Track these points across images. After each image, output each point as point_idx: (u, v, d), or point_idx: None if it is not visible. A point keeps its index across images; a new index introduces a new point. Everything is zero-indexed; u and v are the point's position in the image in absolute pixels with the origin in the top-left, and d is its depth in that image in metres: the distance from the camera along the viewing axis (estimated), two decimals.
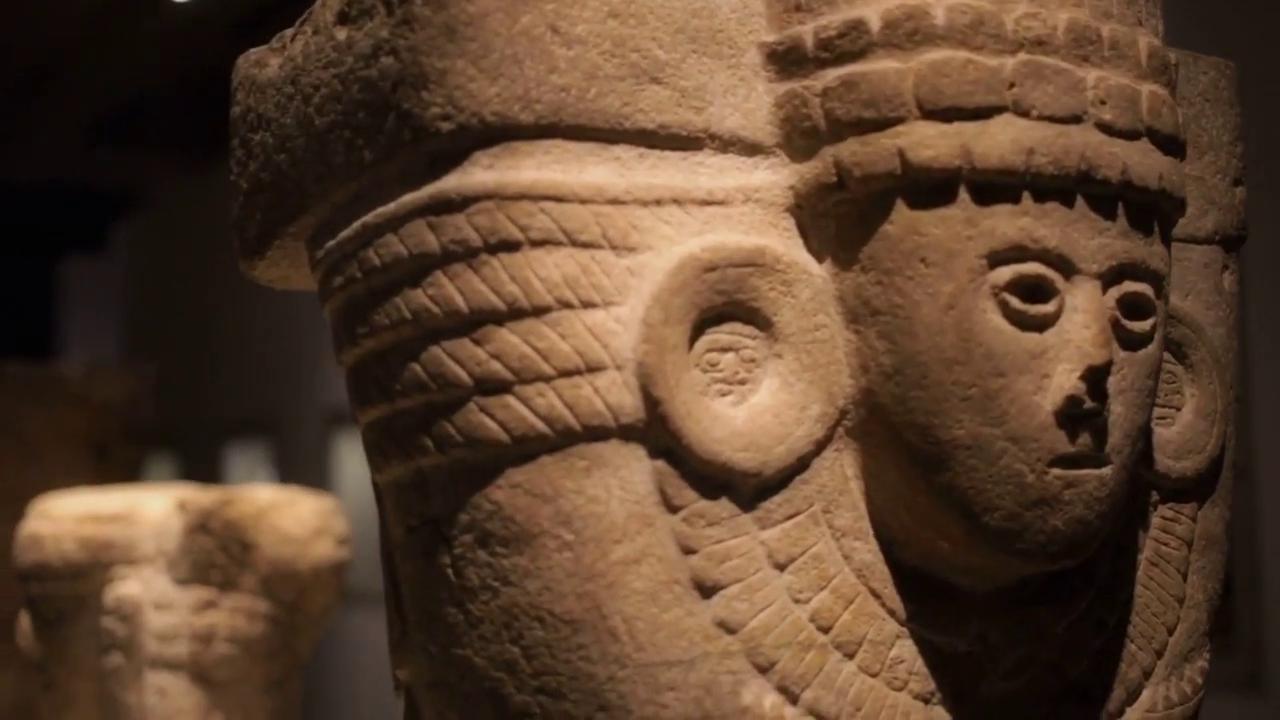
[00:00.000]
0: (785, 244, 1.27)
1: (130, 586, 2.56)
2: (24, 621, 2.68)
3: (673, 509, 1.21)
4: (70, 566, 2.60)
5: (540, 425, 1.19)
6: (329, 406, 8.65)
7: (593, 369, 1.19)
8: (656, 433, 1.20)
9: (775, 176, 1.28)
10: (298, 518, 2.49)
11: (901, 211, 1.24)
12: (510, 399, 1.19)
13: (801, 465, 1.25)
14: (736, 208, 1.26)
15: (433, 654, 1.27)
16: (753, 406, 1.24)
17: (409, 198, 1.22)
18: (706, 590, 1.21)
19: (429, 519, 1.25)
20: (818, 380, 1.26)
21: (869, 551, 1.28)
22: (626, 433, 1.20)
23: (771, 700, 1.22)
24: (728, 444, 1.22)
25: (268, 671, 2.48)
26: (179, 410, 8.52)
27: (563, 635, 1.20)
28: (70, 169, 11.59)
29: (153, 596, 2.52)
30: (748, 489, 1.23)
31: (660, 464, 1.20)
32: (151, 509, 2.61)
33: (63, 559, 2.59)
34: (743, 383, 1.24)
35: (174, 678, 2.46)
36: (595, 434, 1.19)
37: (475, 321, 1.19)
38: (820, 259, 1.28)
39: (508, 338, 1.19)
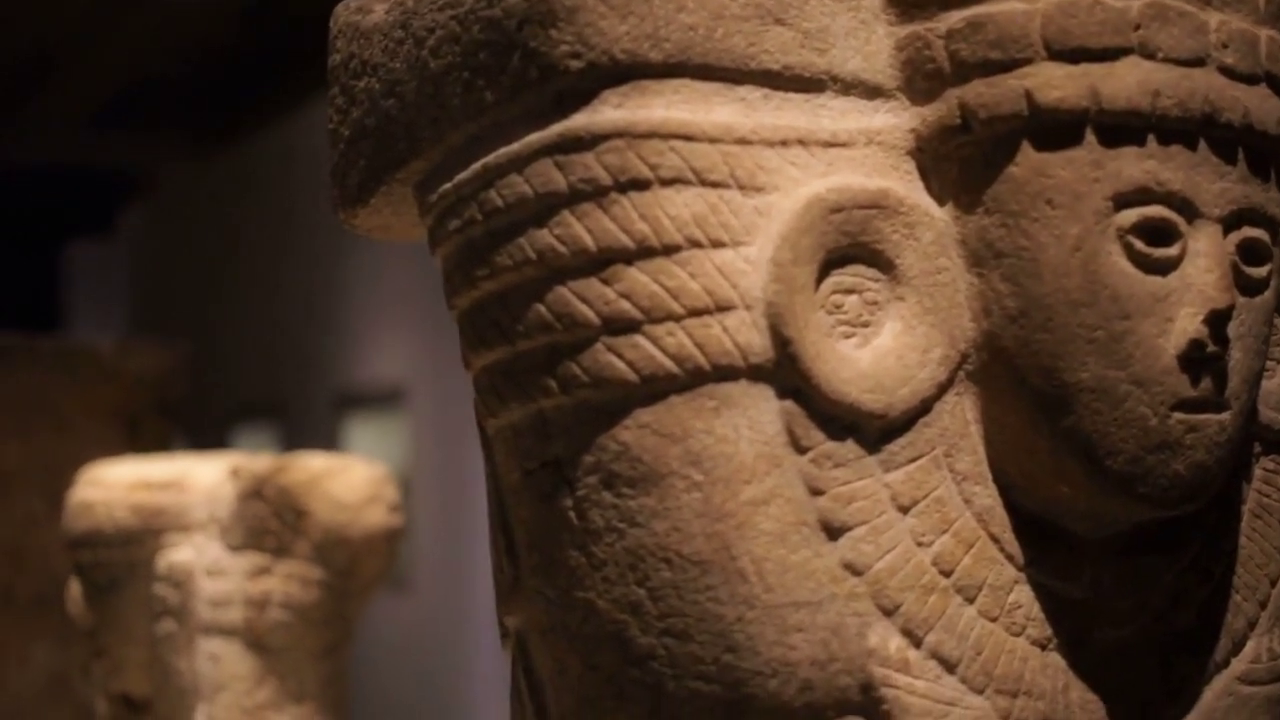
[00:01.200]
0: (907, 187, 1.26)
1: (182, 553, 2.56)
2: (74, 589, 2.68)
3: (801, 450, 1.20)
4: (122, 533, 2.59)
5: (669, 365, 1.18)
6: (337, 390, 8.65)
7: (722, 308, 1.19)
8: (785, 373, 1.20)
9: (896, 120, 1.27)
10: (350, 484, 2.49)
11: (1027, 153, 1.24)
12: (639, 338, 1.19)
13: (924, 408, 1.25)
14: (859, 150, 1.26)
15: (550, 599, 1.27)
16: (876, 349, 1.24)
17: (534, 137, 1.21)
18: (833, 532, 1.21)
19: (549, 461, 1.24)
20: (940, 324, 1.25)
21: (989, 496, 1.28)
22: (755, 373, 1.19)
23: (896, 643, 1.22)
24: (854, 385, 1.21)
25: (321, 638, 2.48)
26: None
27: (691, 576, 1.19)
28: (77, 153, 11.56)
29: (205, 563, 2.52)
30: (873, 431, 1.23)
31: (788, 404, 1.20)
32: (203, 476, 2.60)
33: (114, 525, 2.59)
34: (866, 325, 1.24)
35: (227, 644, 2.46)
36: (724, 374, 1.19)
37: (603, 261, 1.19)
38: (942, 202, 1.27)
39: (637, 277, 1.19)
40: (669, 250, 1.18)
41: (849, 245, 1.23)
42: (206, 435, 9.51)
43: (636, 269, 1.18)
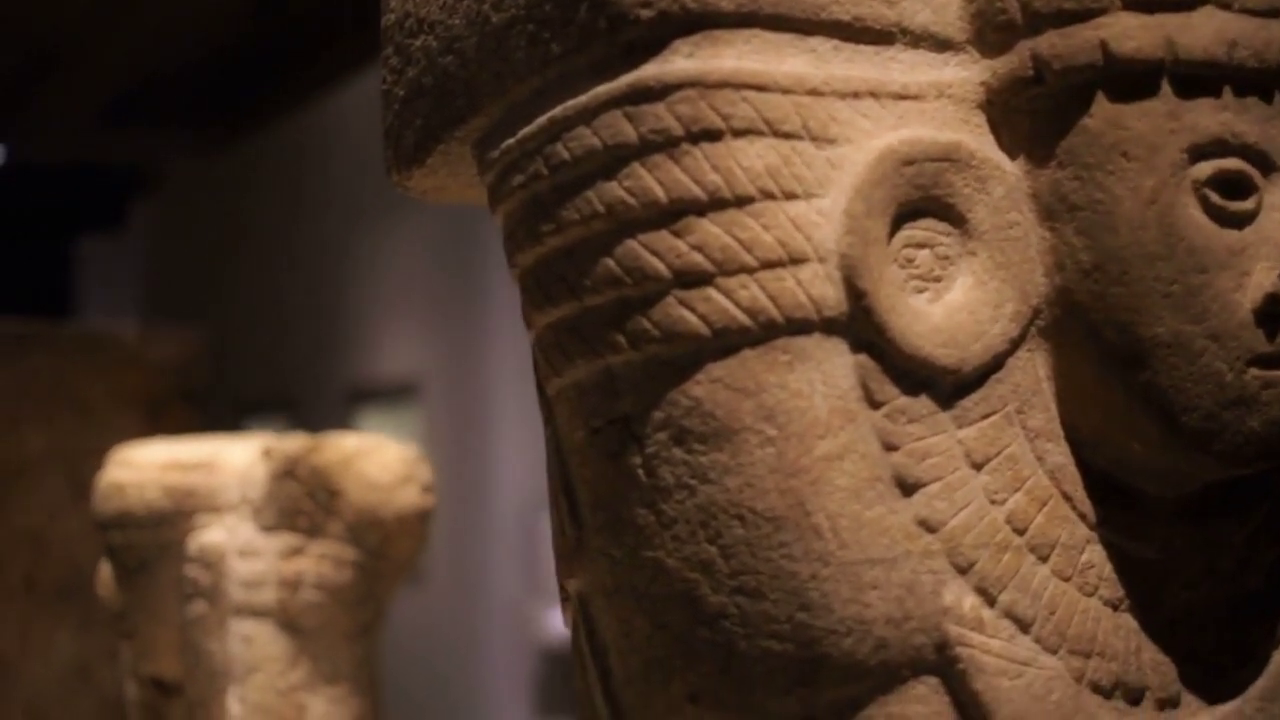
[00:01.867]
0: (978, 141, 1.25)
1: (214, 534, 2.54)
2: (104, 571, 2.66)
3: (875, 404, 1.19)
4: (153, 514, 2.57)
5: (742, 318, 1.17)
6: (349, 384, 8.64)
7: (796, 261, 1.17)
8: (859, 326, 1.18)
9: (966, 73, 1.26)
10: (383, 464, 2.47)
11: (1102, 105, 1.22)
12: (711, 291, 1.17)
13: (997, 364, 1.23)
14: (929, 103, 1.24)
15: (616, 559, 1.25)
16: (948, 304, 1.22)
17: (603, 89, 1.19)
18: (908, 488, 1.19)
19: (617, 418, 1.23)
20: (1011, 279, 1.24)
21: (1061, 454, 1.26)
22: (829, 326, 1.18)
23: (971, 601, 1.20)
24: (928, 339, 1.20)
25: (354, 619, 2.46)
26: None
27: (764, 533, 1.18)
28: (87, 149, 11.55)
29: (237, 544, 2.50)
30: (946, 386, 1.21)
31: (862, 358, 1.18)
32: (235, 456, 2.58)
33: (146, 507, 2.57)
34: (937, 280, 1.22)
35: (260, 625, 2.44)
36: (798, 327, 1.17)
37: (675, 213, 1.17)
38: (1013, 156, 1.25)
39: (709, 229, 1.17)
40: (742, 202, 1.17)
41: (921, 199, 1.21)
42: (219, 430, 9.49)
43: (709, 221, 1.17)
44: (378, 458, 2.54)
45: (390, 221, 8.89)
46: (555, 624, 7.53)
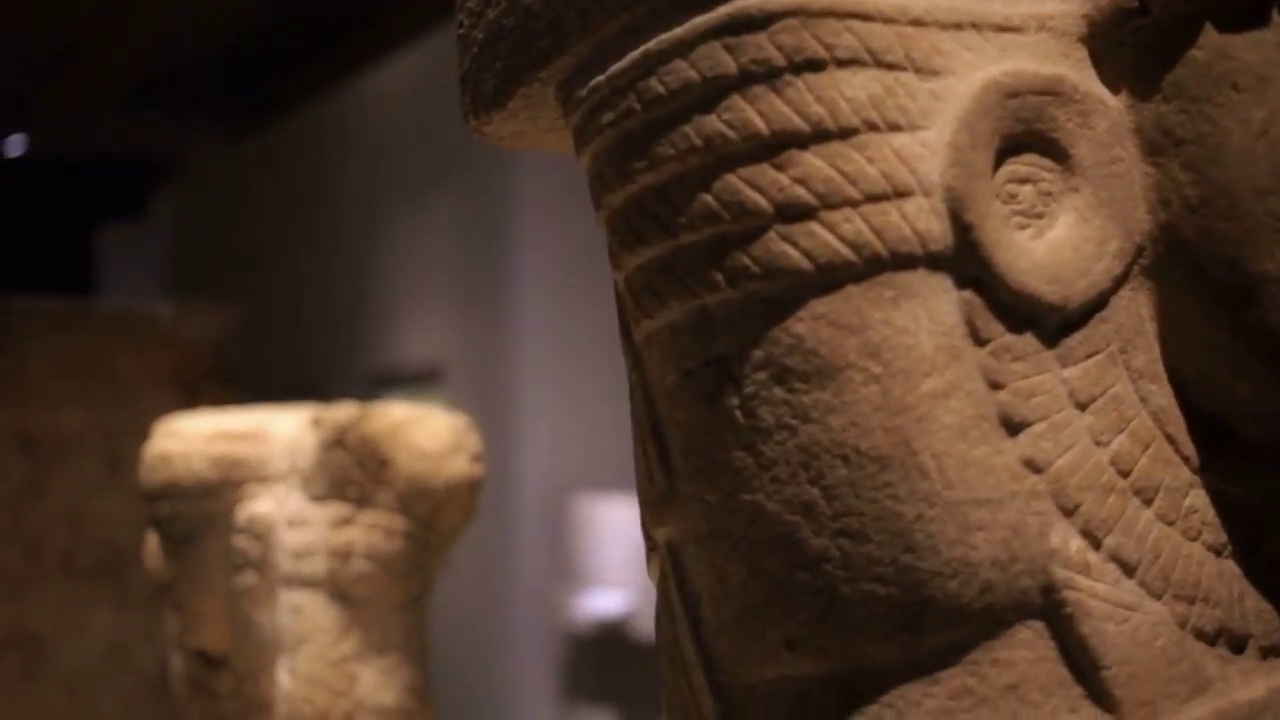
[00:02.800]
0: (1080, 74, 1.22)
1: (263, 504, 2.52)
2: (150, 543, 2.64)
3: (980, 341, 1.16)
4: (201, 485, 2.55)
5: (846, 252, 1.14)
6: (373, 369, 8.62)
7: (900, 194, 1.14)
8: (965, 261, 1.15)
9: (1067, 5, 1.23)
10: (432, 433, 2.45)
11: (1210, 36, 1.19)
12: (814, 225, 1.14)
13: (1100, 302, 1.20)
14: (1031, 36, 1.21)
15: (711, 504, 1.22)
16: (1051, 241, 1.19)
17: (700, 20, 1.17)
18: (1013, 427, 1.16)
19: (713, 359, 1.20)
20: (1115, 215, 1.21)
21: (1164, 395, 1.23)
22: (934, 261, 1.15)
23: (1077, 544, 1.17)
24: (1034, 275, 1.17)
25: (404, 589, 2.44)
26: None
27: (868, 473, 1.15)
28: (109, 137, 11.55)
29: (286, 514, 2.48)
30: (1051, 324, 1.18)
31: (968, 294, 1.16)
32: (283, 426, 2.56)
33: (193, 477, 2.55)
34: (1040, 216, 1.20)
35: (310, 595, 2.42)
36: (903, 262, 1.14)
37: (777, 145, 1.15)
38: (1115, 90, 1.23)
39: (812, 161, 1.14)
40: (845, 133, 1.14)
41: (1023, 132, 1.18)
42: None
43: (811, 153, 1.14)
44: (427, 427, 2.52)
45: (413, 207, 8.88)
46: (582, 610, 7.52)
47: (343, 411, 2.44)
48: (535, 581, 7.60)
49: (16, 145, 11.59)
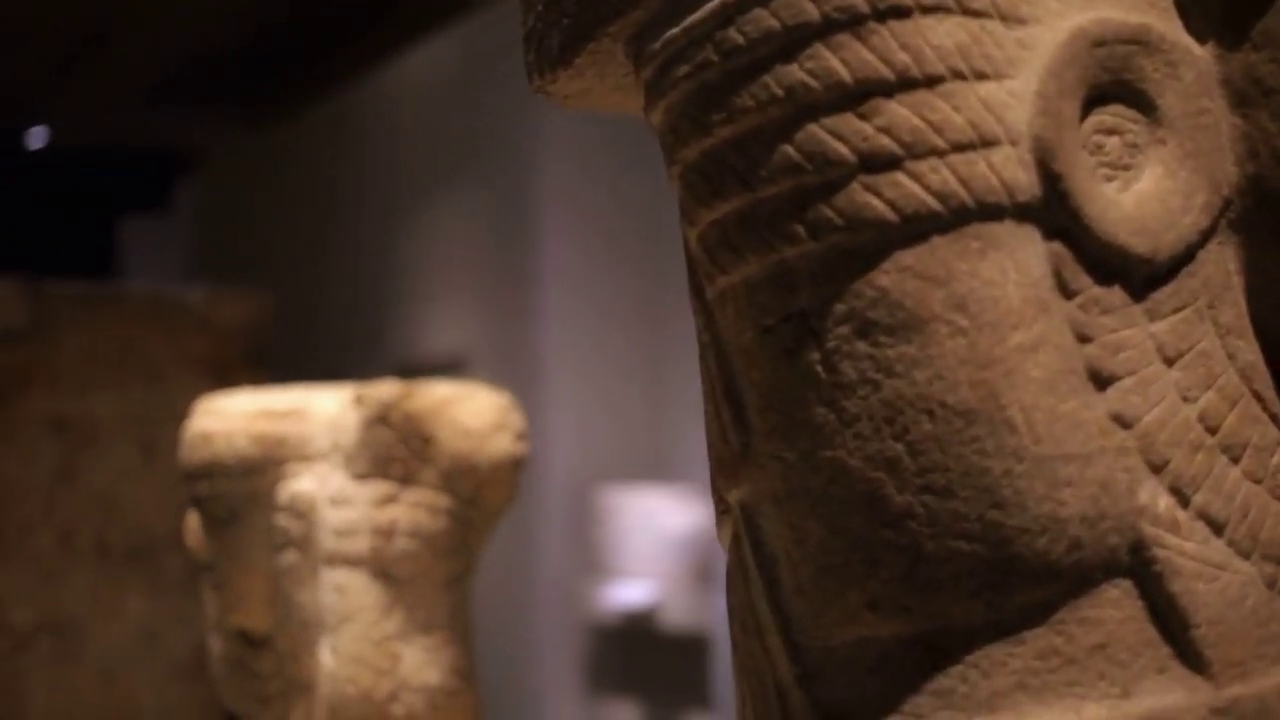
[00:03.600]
0: (1166, 24, 1.20)
1: (304, 483, 2.50)
2: (191, 521, 2.62)
3: (1068, 294, 1.14)
4: (243, 463, 2.53)
5: (932, 203, 1.12)
6: (395, 360, 8.59)
7: (987, 143, 1.12)
8: (1053, 212, 1.13)
9: None
10: (476, 411, 2.43)
11: None
12: (899, 175, 1.12)
13: (1188, 255, 1.18)
14: None
15: (789, 462, 1.20)
16: (1138, 193, 1.17)
17: None
18: (1102, 381, 1.14)
19: (793, 314, 1.18)
20: (1201, 167, 1.19)
21: (1251, 351, 1.21)
22: (1021, 212, 1.13)
23: (1165, 502, 1.15)
24: (1122, 227, 1.15)
25: (448, 568, 2.42)
26: None
27: (955, 428, 1.13)
28: (132, 129, 11.55)
29: (329, 492, 2.46)
30: (1139, 277, 1.16)
31: (1055, 246, 1.14)
32: (325, 404, 2.55)
33: (235, 455, 2.53)
34: (1126, 169, 1.18)
35: (353, 574, 2.40)
36: (990, 212, 1.12)
37: (861, 94, 1.12)
38: (1202, 40, 1.20)
39: (897, 110, 1.12)
40: (931, 81, 1.12)
41: (1110, 82, 1.16)
42: None
43: (897, 102, 1.12)
44: (471, 404, 2.50)
45: (437, 197, 8.86)
46: (607, 601, 7.50)
47: (385, 389, 2.42)
48: (560, 573, 7.58)
49: (38, 137, 11.59)
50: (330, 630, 2.44)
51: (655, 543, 7.42)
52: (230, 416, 2.57)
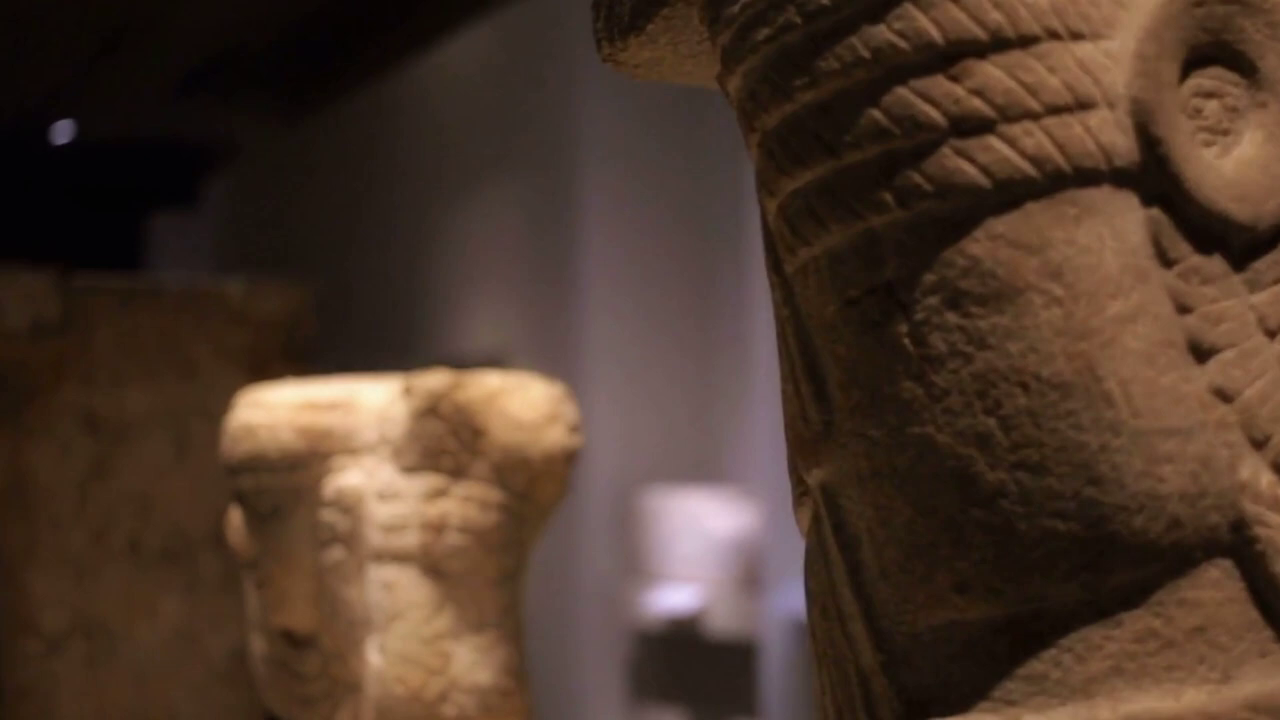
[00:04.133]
0: None
1: (351, 477, 2.46)
2: (234, 517, 2.58)
3: (1167, 263, 1.10)
4: (287, 457, 2.50)
5: (1027, 168, 1.08)
6: (433, 357, 8.56)
7: (1083, 106, 1.08)
8: (1151, 177, 1.09)
9: None
10: (529, 402, 2.39)
11: None
12: (992, 139, 1.08)
13: None
14: None
15: (875, 440, 1.16)
16: (1238, 159, 1.13)
17: None
18: (1202, 353, 1.10)
19: (879, 285, 1.14)
20: None
21: None
22: (1119, 177, 1.09)
23: (1268, 479, 1.11)
24: (1223, 193, 1.11)
25: (499, 565, 2.38)
26: None
27: (1049, 401, 1.08)
28: (160, 123, 11.54)
29: (376, 486, 2.43)
30: (1239, 245, 1.12)
31: (1154, 212, 1.10)
32: (372, 396, 2.51)
33: (279, 449, 2.50)
34: (1225, 133, 1.13)
35: (402, 570, 2.36)
36: (1086, 178, 1.08)
37: (952, 55, 1.08)
38: None
39: (990, 71, 1.08)
40: (1025, 42, 1.08)
41: (1210, 44, 1.12)
42: None
43: (989, 63, 1.08)
44: (523, 395, 2.46)
45: (474, 191, 8.83)
46: (651, 606, 7.45)
47: (435, 379, 2.38)
48: (604, 576, 7.54)
49: (66, 132, 11.58)
50: (378, 629, 2.40)
51: (701, 546, 7.37)
52: (274, 408, 2.53)
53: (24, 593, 4.21)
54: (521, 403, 2.44)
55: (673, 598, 7.38)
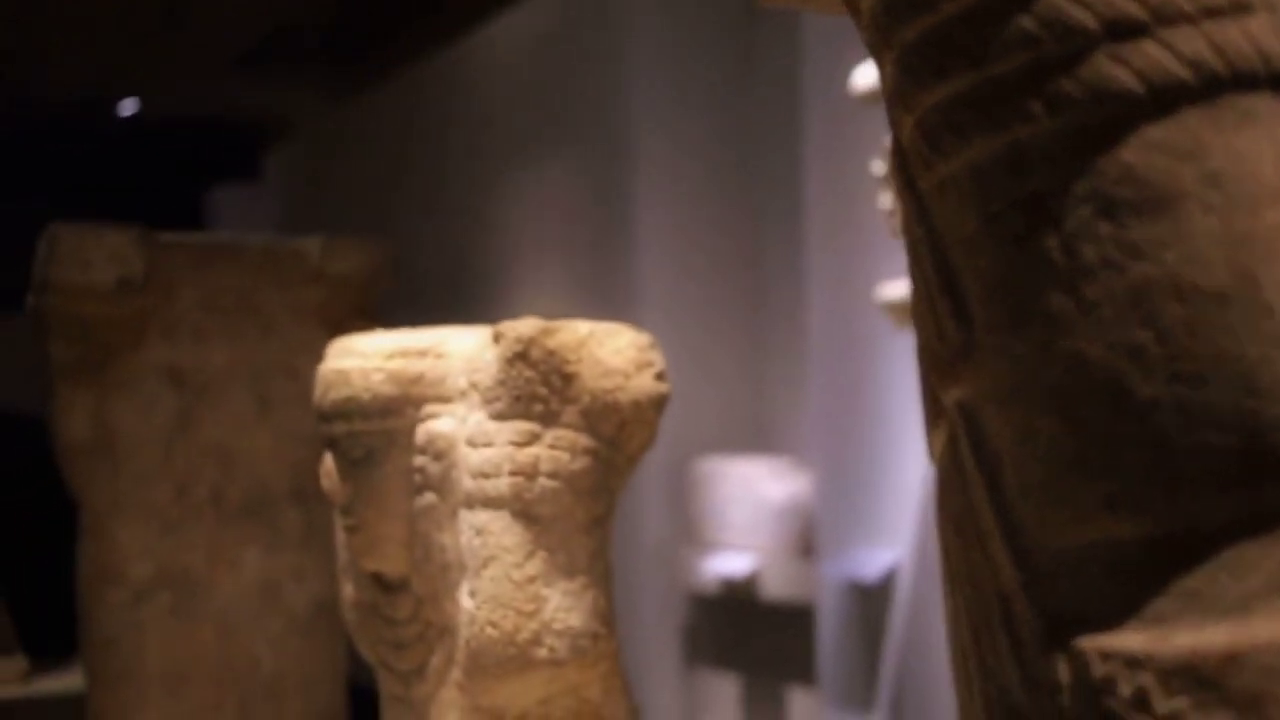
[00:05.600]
0: None
1: (443, 423, 2.46)
2: (327, 463, 2.58)
3: None
4: (380, 403, 2.49)
5: (1183, 73, 1.05)
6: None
7: (1240, 9, 1.06)
8: None
9: None
10: (618, 349, 2.38)
11: None
12: (1147, 44, 1.06)
13: None
14: None
15: (1019, 355, 1.14)
16: None
17: None
18: None
19: (1025, 197, 1.12)
20: None
21: None
22: (1278, 83, 1.06)
23: None
24: None
25: (588, 510, 2.37)
26: None
27: (1207, 311, 1.06)
28: (220, 99, 11.58)
29: (467, 432, 2.42)
30: None
31: None
32: (463, 343, 2.50)
33: (372, 395, 2.49)
34: None
35: (494, 515, 2.35)
36: (1244, 83, 1.06)
37: None
38: None
39: None
40: None
41: None
42: None
43: None
44: (612, 342, 2.45)
45: (529, 165, 8.82)
46: (707, 572, 7.45)
47: (525, 325, 2.37)
48: (660, 544, 7.53)
49: (128, 108, 11.64)
50: (470, 573, 2.40)
51: (756, 513, 7.35)
52: (367, 355, 2.52)
53: (111, 545, 4.23)
54: (611, 349, 2.43)
55: (728, 564, 7.37)
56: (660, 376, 2.48)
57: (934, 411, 1.26)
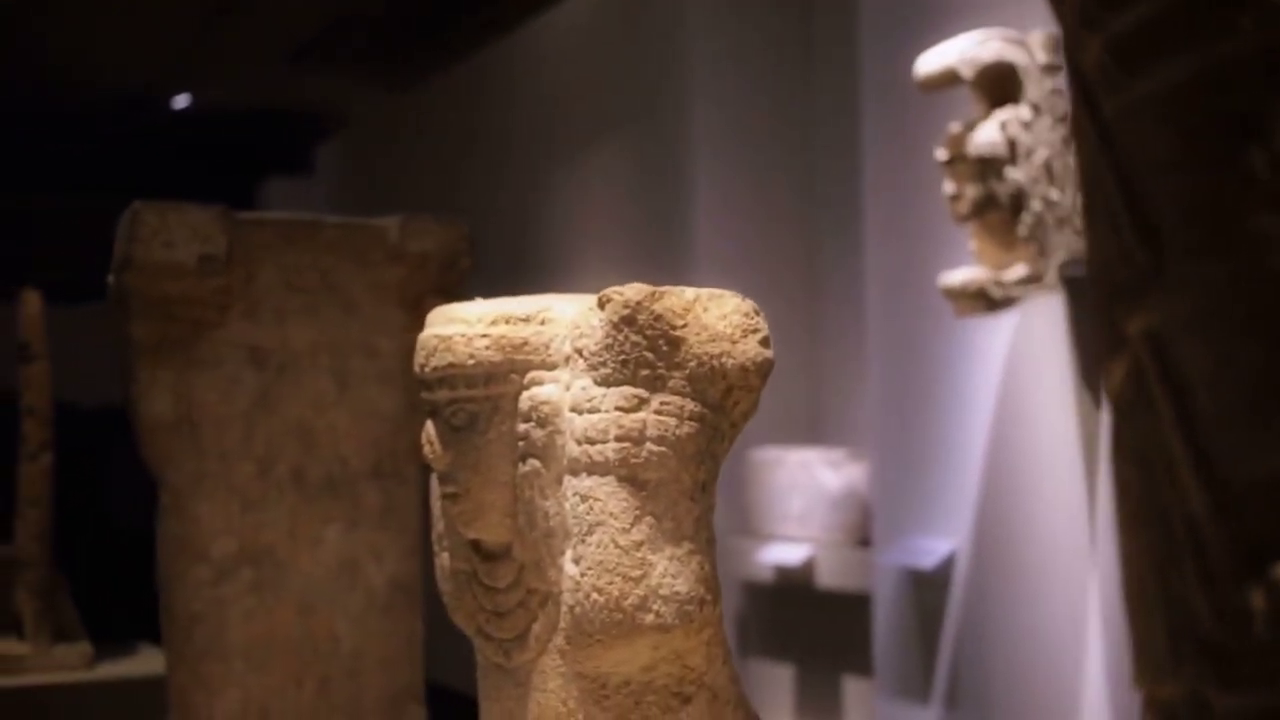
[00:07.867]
0: None
1: (547, 389, 2.45)
2: (429, 430, 2.57)
3: None
4: (483, 369, 2.48)
5: None
6: None
7: None
8: None
9: None
10: (723, 314, 2.36)
11: None
12: None
13: None
14: None
15: (1215, 280, 1.12)
16: None
17: None
18: None
19: (1228, 114, 1.10)
20: None
21: None
22: None
23: None
24: None
25: (694, 476, 2.36)
26: None
27: None
28: (273, 91, 11.61)
29: (573, 398, 2.41)
30: None
31: None
32: (568, 309, 2.49)
33: (475, 360, 2.48)
34: None
35: (600, 481, 2.34)
36: None
37: None
38: None
39: None
40: None
41: None
42: None
43: None
44: (718, 308, 2.43)
45: (586, 157, 8.81)
46: (763, 562, 7.42)
47: (631, 290, 2.35)
48: (717, 532, 7.51)
49: (182, 101, 11.69)
50: (575, 539, 2.39)
51: (810, 505, 7.33)
52: (470, 322, 2.51)
53: (194, 522, 4.24)
54: (717, 315, 2.41)
55: (784, 553, 7.35)
56: (765, 343, 2.46)
57: (1112, 343, 1.24)
